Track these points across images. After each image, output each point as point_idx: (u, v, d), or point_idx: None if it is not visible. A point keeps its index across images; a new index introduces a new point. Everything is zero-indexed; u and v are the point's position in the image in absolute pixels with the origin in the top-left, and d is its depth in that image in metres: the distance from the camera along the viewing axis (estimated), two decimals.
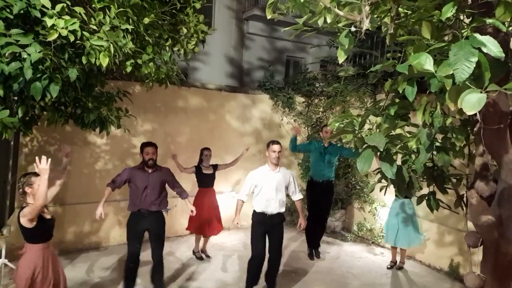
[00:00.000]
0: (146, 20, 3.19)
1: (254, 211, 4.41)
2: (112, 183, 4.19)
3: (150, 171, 4.19)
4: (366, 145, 2.02)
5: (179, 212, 6.64)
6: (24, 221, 3.01)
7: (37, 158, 2.90)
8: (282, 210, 4.42)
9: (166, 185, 4.47)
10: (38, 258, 3.08)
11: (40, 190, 2.90)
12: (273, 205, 4.32)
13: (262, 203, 4.34)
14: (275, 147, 4.30)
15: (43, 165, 2.88)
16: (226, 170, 6.19)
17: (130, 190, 4.24)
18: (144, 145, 4.24)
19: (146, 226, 4.20)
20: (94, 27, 2.81)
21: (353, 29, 1.96)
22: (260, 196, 4.36)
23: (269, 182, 4.32)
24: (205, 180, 5.64)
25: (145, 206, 4.16)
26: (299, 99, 7.86)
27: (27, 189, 3.09)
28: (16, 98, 2.98)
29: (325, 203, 5.98)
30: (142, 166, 4.20)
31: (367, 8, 1.83)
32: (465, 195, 2.76)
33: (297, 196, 4.57)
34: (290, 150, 6.05)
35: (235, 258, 5.84)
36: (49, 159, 2.92)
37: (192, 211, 4.60)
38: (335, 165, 5.91)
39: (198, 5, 3.91)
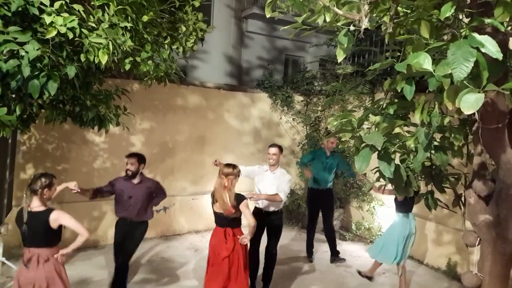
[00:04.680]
0: (145, 18, 3.18)
1: (255, 206, 4.57)
2: (97, 189, 4.18)
3: (135, 182, 4.18)
4: (364, 144, 2.02)
5: (177, 211, 6.65)
6: (56, 224, 2.99)
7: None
8: (277, 208, 4.53)
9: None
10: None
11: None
12: (266, 202, 4.47)
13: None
14: (270, 149, 4.63)
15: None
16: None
17: (115, 197, 4.24)
18: (126, 156, 4.24)
19: (129, 233, 4.22)
20: (93, 25, 2.80)
21: (352, 28, 1.96)
22: (257, 191, 4.60)
23: (264, 180, 4.57)
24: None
25: (129, 215, 4.18)
26: (298, 98, 7.87)
27: (46, 191, 3.00)
28: (14, 96, 2.96)
29: (326, 211, 6.02)
30: (127, 177, 4.21)
31: (366, 7, 1.83)
32: (463, 194, 2.76)
33: (280, 194, 4.34)
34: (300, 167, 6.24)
35: None
36: None
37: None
38: (333, 173, 5.95)
39: (197, 3, 3.90)
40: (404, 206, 4.78)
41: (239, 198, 3.69)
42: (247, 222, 3.66)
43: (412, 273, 5.60)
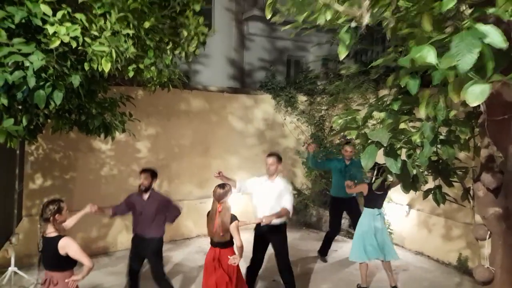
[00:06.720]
0: (147, 24, 3.20)
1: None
2: (116, 207, 4.29)
3: (145, 197, 4.23)
4: (370, 141, 2.02)
5: (185, 215, 6.65)
6: (63, 251, 3.00)
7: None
8: (278, 221, 4.27)
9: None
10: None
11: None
12: (265, 214, 4.24)
13: (256, 210, 4.39)
14: (268, 159, 4.41)
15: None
16: (228, 172, 6.13)
17: (132, 213, 4.33)
18: (140, 172, 4.33)
19: (143, 251, 4.26)
20: (96, 33, 2.83)
21: (353, 24, 1.96)
22: (255, 203, 4.44)
23: (263, 191, 4.37)
24: None
25: (140, 231, 4.23)
26: (301, 98, 7.86)
27: (57, 216, 3.08)
28: (20, 107, 3.00)
29: (352, 219, 5.95)
30: (140, 192, 4.28)
31: (367, 2, 1.82)
32: (471, 187, 2.74)
33: (285, 206, 4.23)
34: (310, 167, 6.08)
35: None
36: None
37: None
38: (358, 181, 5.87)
39: (197, 8, 3.92)
40: (371, 201, 4.73)
41: (231, 220, 3.70)
42: (236, 243, 3.66)
43: (423, 269, 5.55)
